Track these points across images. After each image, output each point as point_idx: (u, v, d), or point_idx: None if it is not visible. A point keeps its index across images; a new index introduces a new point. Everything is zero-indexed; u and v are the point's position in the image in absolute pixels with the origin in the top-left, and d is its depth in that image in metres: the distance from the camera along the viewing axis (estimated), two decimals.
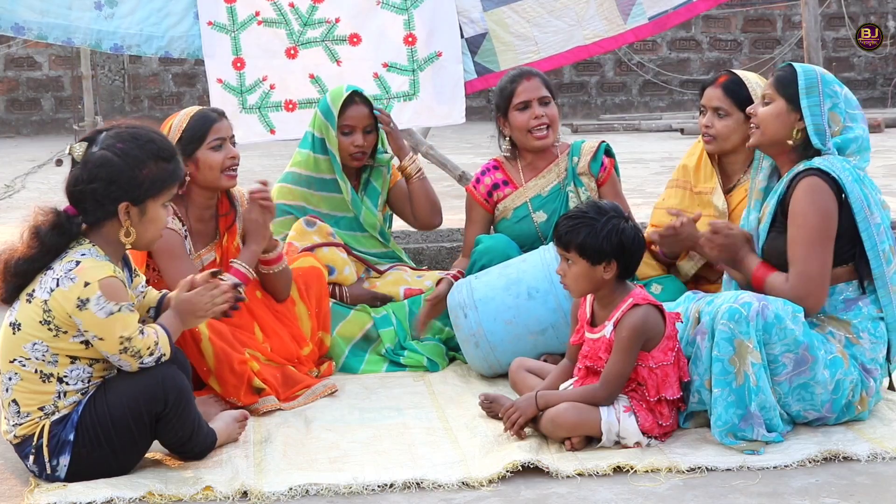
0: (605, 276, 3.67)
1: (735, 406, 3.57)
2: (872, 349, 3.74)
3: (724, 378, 3.57)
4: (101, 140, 3.43)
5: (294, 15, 5.99)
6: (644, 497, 3.27)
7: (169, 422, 3.46)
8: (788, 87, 3.80)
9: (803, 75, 3.81)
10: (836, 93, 3.81)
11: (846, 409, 3.72)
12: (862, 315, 3.74)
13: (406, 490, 3.35)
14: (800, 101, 3.77)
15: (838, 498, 3.22)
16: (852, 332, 3.73)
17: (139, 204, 3.43)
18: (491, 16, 6.14)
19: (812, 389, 3.65)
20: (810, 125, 3.76)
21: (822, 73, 3.85)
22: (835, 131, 3.79)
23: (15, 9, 5.76)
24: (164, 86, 14.58)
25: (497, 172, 4.87)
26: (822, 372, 3.63)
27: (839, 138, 3.78)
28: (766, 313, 3.57)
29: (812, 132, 3.76)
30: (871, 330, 3.74)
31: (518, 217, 4.79)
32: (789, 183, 3.76)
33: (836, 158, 3.74)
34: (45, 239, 3.39)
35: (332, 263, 4.80)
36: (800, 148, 3.81)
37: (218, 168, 4.28)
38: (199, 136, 4.27)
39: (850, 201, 3.69)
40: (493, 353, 4.41)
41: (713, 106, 4.39)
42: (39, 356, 3.40)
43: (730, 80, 4.39)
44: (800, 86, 3.78)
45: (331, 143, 4.89)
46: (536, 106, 4.75)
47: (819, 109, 3.77)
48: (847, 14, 14.69)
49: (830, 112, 3.78)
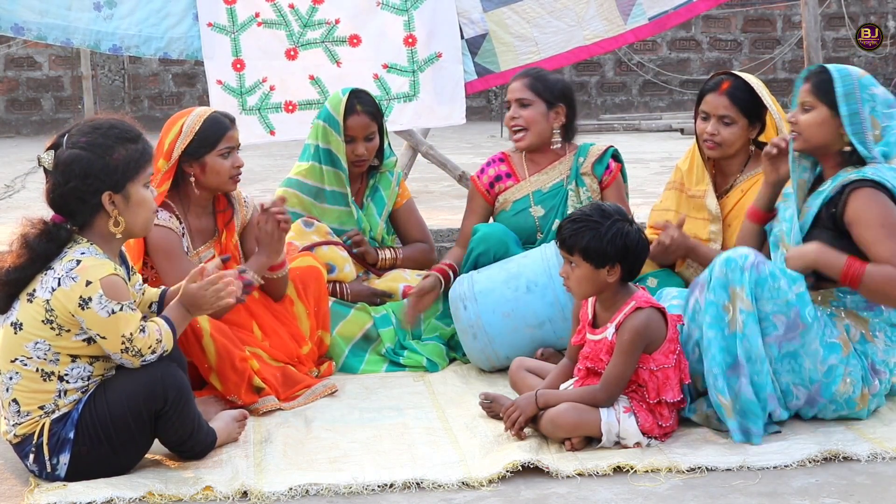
0: (609, 279, 3.67)
1: (726, 352, 3.62)
2: (886, 351, 3.74)
3: (718, 323, 3.64)
4: (65, 141, 3.45)
5: (294, 16, 6.00)
6: (644, 497, 3.27)
7: (169, 420, 3.46)
8: (829, 94, 3.77)
9: (840, 81, 3.76)
10: (874, 96, 3.77)
11: (845, 403, 3.72)
12: (882, 317, 3.75)
13: (406, 490, 3.35)
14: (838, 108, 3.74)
15: (838, 498, 3.22)
16: (868, 330, 3.74)
17: (121, 190, 3.44)
18: (491, 16, 6.14)
19: (801, 361, 3.67)
20: (851, 135, 3.73)
21: (858, 76, 3.80)
22: (875, 135, 3.75)
23: (15, 9, 5.76)
24: (164, 86, 14.57)
25: (502, 165, 4.88)
26: (813, 344, 3.65)
27: (882, 144, 3.75)
28: (761, 268, 3.62)
29: (855, 140, 3.73)
30: (888, 332, 3.75)
31: (516, 210, 4.80)
32: (840, 189, 3.72)
33: (885, 167, 3.72)
34: (35, 247, 3.40)
35: (332, 261, 4.80)
36: (847, 153, 3.78)
37: (225, 175, 4.32)
38: (212, 141, 4.29)
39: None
40: (491, 345, 4.43)
41: (719, 114, 4.35)
42: (41, 355, 3.41)
43: (734, 87, 4.35)
44: (837, 92, 3.74)
45: (337, 150, 4.87)
46: (514, 107, 4.76)
47: (859, 117, 3.74)
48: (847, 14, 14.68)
49: (871, 116, 3.75)
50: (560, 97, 4.77)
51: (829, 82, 3.77)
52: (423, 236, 5.14)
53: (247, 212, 4.50)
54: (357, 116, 4.87)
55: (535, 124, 4.74)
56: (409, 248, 5.08)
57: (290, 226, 4.38)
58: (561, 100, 4.77)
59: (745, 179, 4.42)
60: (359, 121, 4.87)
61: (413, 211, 5.14)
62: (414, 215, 5.13)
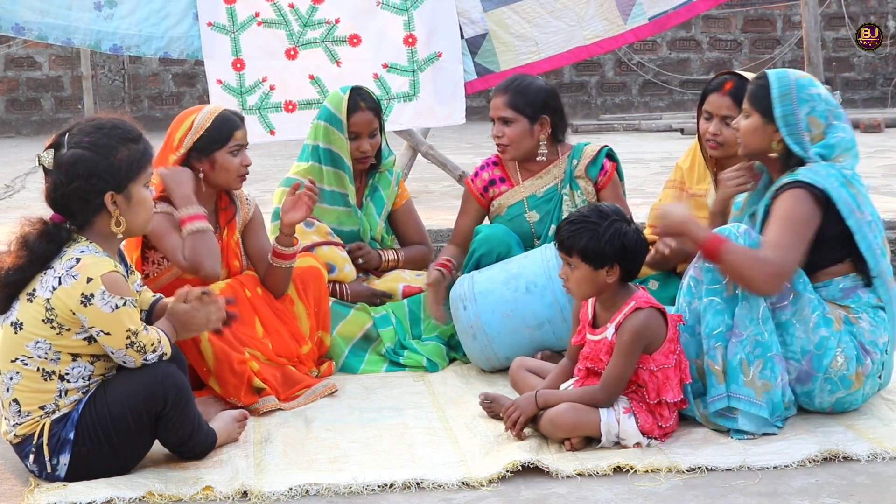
0: (608, 279, 3.67)
1: (723, 314, 3.65)
2: (872, 332, 3.75)
3: (715, 287, 3.67)
4: (67, 141, 3.44)
5: (294, 16, 6.00)
6: (644, 497, 3.27)
7: (169, 421, 3.46)
8: (761, 100, 3.80)
9: (777, 83, 3.80)
10: (814, 96, 3.79)
11: (840, 381, 3.71)
12: (861, 301, 3.77)
13: (406, 490, 3.35)
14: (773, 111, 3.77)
15: (838, 498, 3.22)
16: (853, 314, 3.75)
17: (123, 190, 3.44)
18: (491, 16, 6.14)
19: (792, 331, 3.68)
20: (786, 135, 3.77)
21: (796, 77, 3.82)
22: (815, 135, 3.77)
23: (15, 9, 5.77)
24: (164, 86, 14.57)
25: (496, 169, 4.86)
26: (804, 311, 3.67)
27: (821, 144, 3.77)
28: (753, 235, 3.67)
29: (790, 142, 3.77)
30: (871, 314, 3.76)
31: (511, 215, 4.79)
32: (774, 195, 3.76)
33: (820, 166, 3.73)
34: (34, 248, 3.40)
35: (332, 261, 4.80)
36: (783, 157, 3.81)
37: (234, 172, 4.33)
38: (223, 138, 4.30)
39: (839, 207, 3.69)
40: (491, 345, 4.43)
41: (722, 114, 4.36)
42: (42, 354, 3.41)
43: (737, 88, 4.34)
44: (773, 95, 3.78)
45: (340, 149, 4.87)
46: (497, 125, 4.73)
47: (794, 118, 3.76)
48: (847, 14, 14.68)
49: (809, 117, 3.77)
50: (542, 109, 4.69)
51: (763, 88, 3.81)
52: (421, 238, 5.13)
53: (248, 210, 4.50)
54: (362, 113, 4.88)
55: (519, 141, 4.70)
56: (409, 250, 5.08)
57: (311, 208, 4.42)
58: (543, 111, 4.69)
59: None
60: (363, 117, 4.88)
61: (412, 212, 5.14)
62: (413, 216, 5.13)
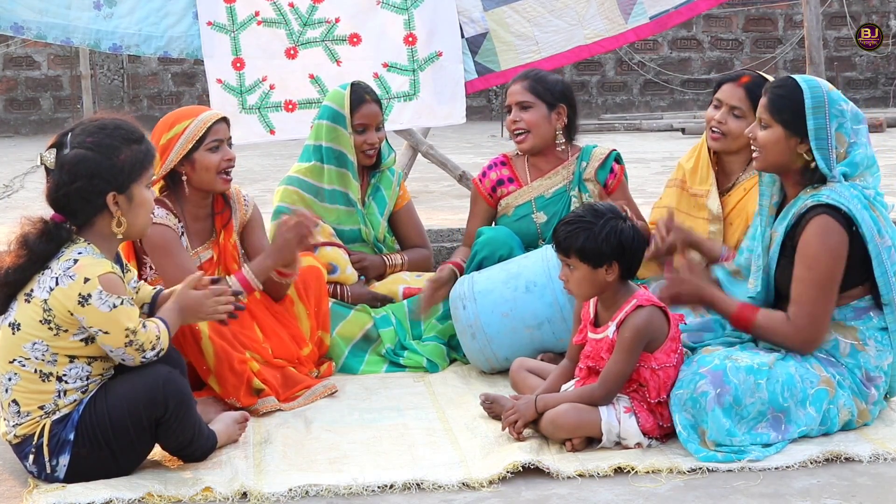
0: (608, 278, 3.66)
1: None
2: (878, 356, 3.70)
3: None
4: (70, 140, 3.43)
5: (294, 15, 5.99)
6: (645, 498, 3.26)
7: (169, 427, 3.45)
8: (784, 112, 3.68)
9: (810, 94, 3.66)
10: (843, 111, 3.67)
11: (850, 422, 3.68)
12: (871, 324, 3.70)
13: (406, 491, 3.35)
14: (799, 123, 3.65)
15: (840, 499, 3.22)
16: (859, 339, 3.69)
17: (125, 191, 3.44)
18: (491, 15, 6.13)
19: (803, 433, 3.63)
20: (815, 149, 3.65)
21: (828, 90, 3.70)
22: (840, 152, 3.67)
23: (14, 8, 5.76)
24: (163, 85, 14.57)
25: (504, 168, 4.86)
26: (807, 411, 3.60)
27: (845, 163, 3.67)
28: (722, 400, 3.51)
29: (818, 157, 3.65)
30: (877, 338, 3.70)
31: (519, 215, 4.78)
32: (798, 217, 3.67)
33: (843, 186, 3.64)
34: (34, 247, 3.39)
35: (335, 262, 4.80)
36: (802, 169, 3.72)
37: (214, 170, 4.26)
38: (199, 137, 4.26)
39: (862, 231, 3.61)
40: (490, 345, 4.41)
41: (731, 104, 4.34)
42: (39, 356, 3.40)
43: (753, 83, 4.31)
44: (806, 105, 3.65)
45: (346, 146, 4.86)
46: (515, 111, 4.74)
47: (825, 132, 3.64)
48: (849, 13, 14.68)
49: (837, 133, 3.66)
50: (561, 97, 4.74)
51: (785, 98, 3.69)
52: (421, 240, 5.13)
53: (246, 211, 4.47)
54: (368, 105, 4.88)
55: (538, 127, 4.72)
56: (411, 253, 5.07)
57: (313, 246, 4.36)
58: (562, 100, 4.74)
59: (747, 178, 4.41)
60: (370, 109, 4.88)
61: (412, 214, 5.13)
62: (413, 219, 5.13)
